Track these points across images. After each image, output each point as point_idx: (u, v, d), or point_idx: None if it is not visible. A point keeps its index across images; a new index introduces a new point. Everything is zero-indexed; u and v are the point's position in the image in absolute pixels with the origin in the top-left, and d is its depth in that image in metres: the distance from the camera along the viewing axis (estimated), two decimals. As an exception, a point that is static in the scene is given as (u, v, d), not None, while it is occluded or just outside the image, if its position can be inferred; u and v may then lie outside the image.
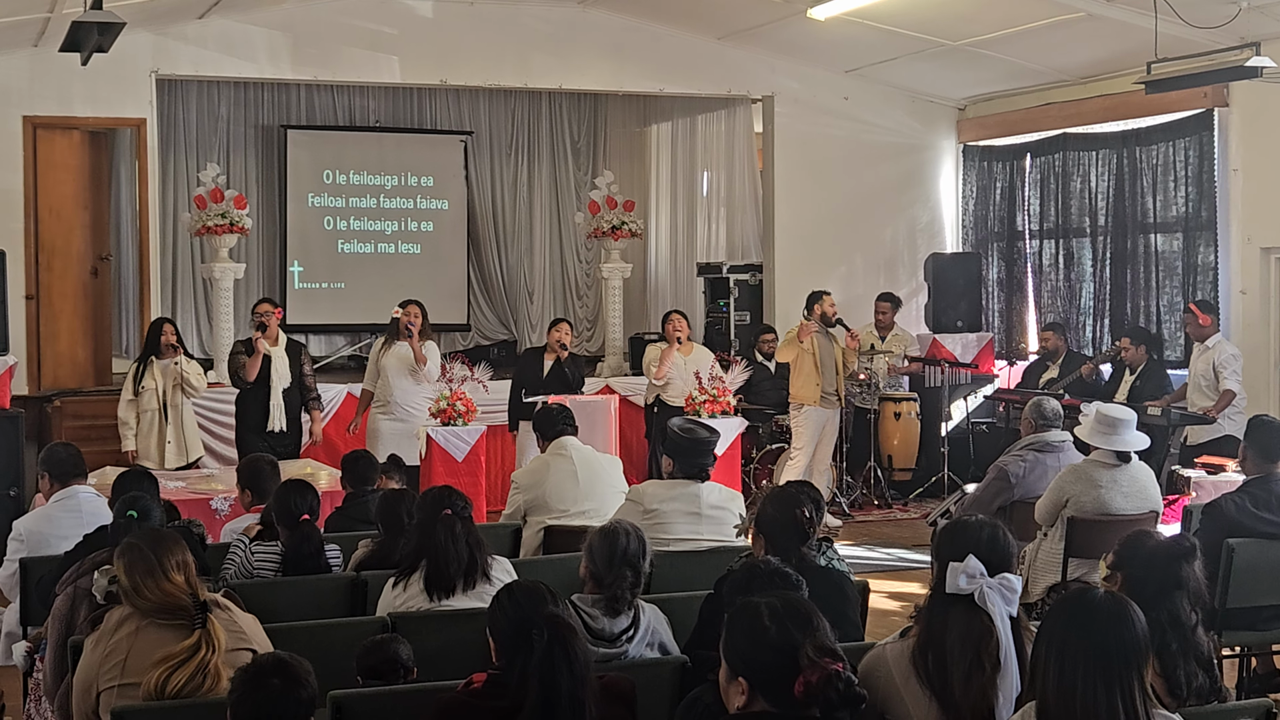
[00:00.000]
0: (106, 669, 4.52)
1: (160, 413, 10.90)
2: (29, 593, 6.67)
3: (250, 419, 11.01)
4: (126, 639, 4.53)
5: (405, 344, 11.28)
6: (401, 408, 11.23)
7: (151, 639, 4.48)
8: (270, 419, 10.95)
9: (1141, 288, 13.04)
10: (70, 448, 7.58)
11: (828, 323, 12.32)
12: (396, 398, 11.25)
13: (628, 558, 5.00)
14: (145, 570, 4.53)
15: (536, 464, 8.03)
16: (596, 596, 4.97)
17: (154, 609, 4.52)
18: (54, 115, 12.78)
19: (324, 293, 16.36)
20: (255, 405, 10.99)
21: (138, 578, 4.54)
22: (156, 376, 10.91)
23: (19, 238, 12.53)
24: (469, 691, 4.12)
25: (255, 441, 10.71)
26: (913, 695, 4.01)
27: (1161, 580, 4.51)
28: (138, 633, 4.52)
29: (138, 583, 4.53)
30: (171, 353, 10.91)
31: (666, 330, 12.36)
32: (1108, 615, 3.39)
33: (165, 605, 4.50)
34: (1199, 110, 12.28)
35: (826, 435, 12.38)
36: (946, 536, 4.21)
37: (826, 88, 14.84)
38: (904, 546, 11.61)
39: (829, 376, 12.29)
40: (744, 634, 3.52)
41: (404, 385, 11.27)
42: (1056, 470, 7.79)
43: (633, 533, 5.10)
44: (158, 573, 4.52)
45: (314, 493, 6.45)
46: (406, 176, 16.87)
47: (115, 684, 4.48)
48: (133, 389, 10.91)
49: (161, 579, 4.51)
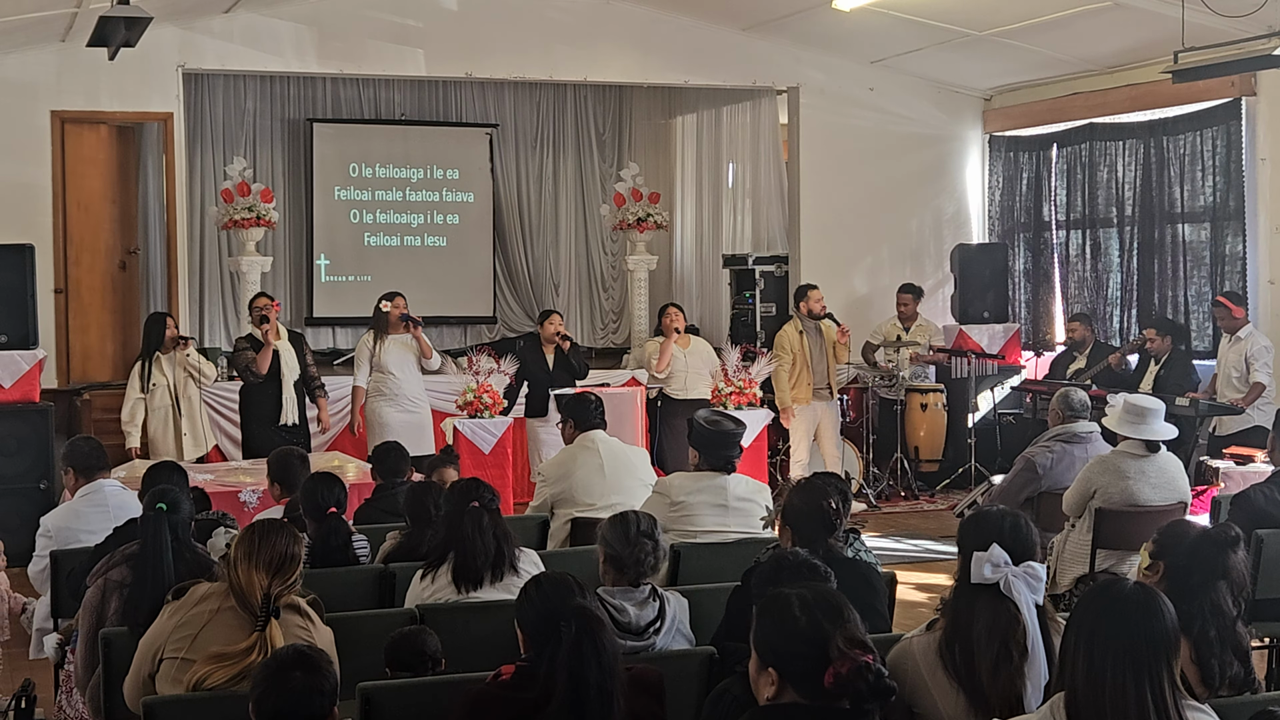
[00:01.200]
0: (177, 637, 4.57)
1: (173, 406, 10.95)
2: (60, 585, 6.70)
3: (261, 413, 10.99)
4: (204, 614, 4.59)
5: (404, 335, 11.29)
6: (409, 399, 11.25)
7: (227, 622, 4.54)
8: (283, 412, 10.97)
9: (1169, 278, 12.99)
10: (92, 441, 7.62)
11: (815, 317, 12.28)
12: (405, 390, 11.25)
13: (643, 530, 5.06)
14: (245, 552, 4.59)
15: (563, 456, 8.01)
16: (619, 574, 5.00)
17: (234, 591, 4.57)
18: (82, 110, 12.84)
19: (350, 285, 16.39)
20: (265, 399, 10.98)
21: (239, 554, 4.60)
22: (165, 371, 10.96)
23: (47, 232, 12.59)
24: (498, 683, 4.13)
25: (266, 435, 10.72)
26: (940, 687, 4.01)
27: (1206, 569, 4.49)
28: (217, 613, 4.57)
29: (236, 558, 4.60)
30: (180, 344, 10.96)
31: (664, 323, 12.34)
32: (1138, 606, 3.37)
33: (240, 593, 4.55)
34: (1226, 99, 12.22)
35: (825, 427, 12.36)
36: (969, 527, 4.22)
37: (851, 79, 14.81)
38: (931, 538, 11.60)
39: (819, 372, 12.27)
40: (774, 625, 3.52)
41: (409, 377, 11.29)
42: (1084, 461, 7.76)
43: (641, 514, 5.19)
44: (251, 558, 4.56)
45: (341, 485, 6.46)
46: (432, 169, 16.90)
47: (180, 655, 4.53)
48: (141, 387, 10.95)
49: (251, 568, 4.55)
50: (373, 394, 11.29)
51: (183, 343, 10.99)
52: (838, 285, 12.80)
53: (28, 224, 12.24)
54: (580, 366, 11.78)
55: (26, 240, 11.44)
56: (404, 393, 11.24)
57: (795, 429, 12.31)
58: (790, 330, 12.31)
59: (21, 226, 12.02)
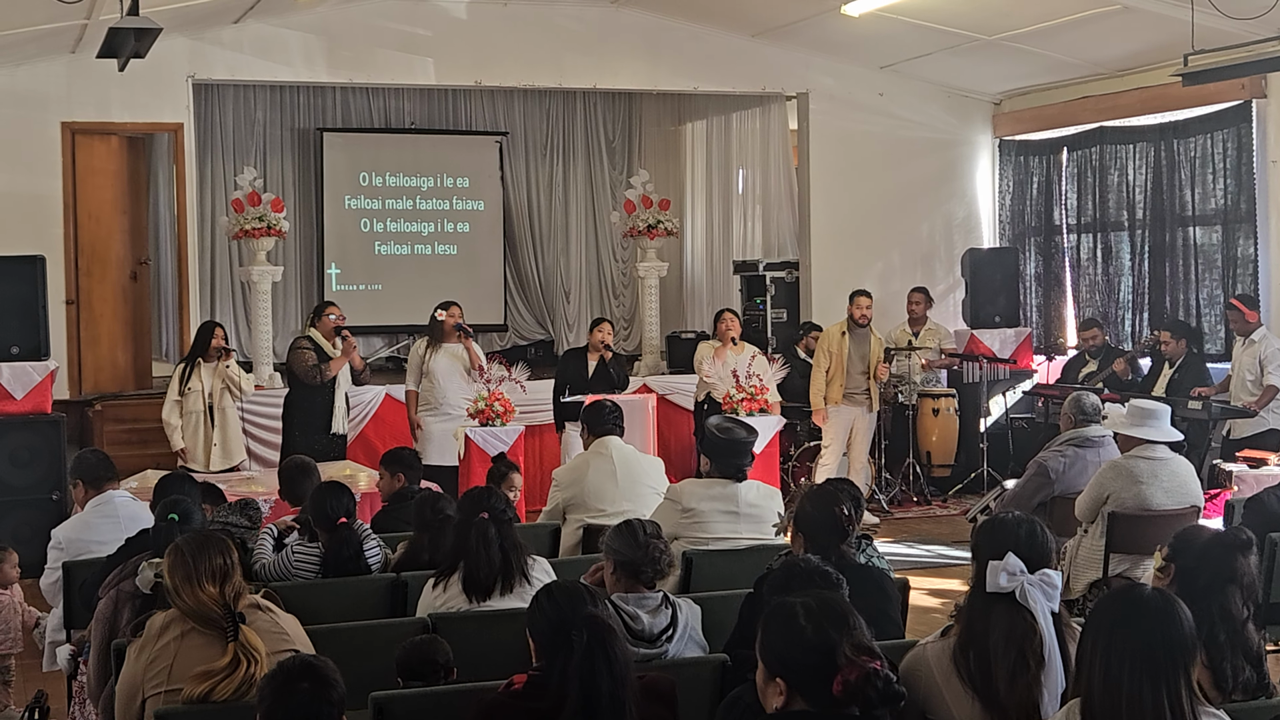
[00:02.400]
0: (152, 675, 4.50)
1: (206, 415, 10.96)
2: (72, 596, 6.71)
3: (309, 419, 11.10)
4: (172, 644, 4.51)
5: (456, 345, 11.34)
6: (454, 408, 11.27)
7: (196, 645, 4.48)
8: (334, 420, 11.09)
9: (1180, 281, 12.96)
10: (99, 453, 7.67)
11: (856, 324, 12.28)
12: (450, 399, 11.30)
13: (649, 532, 5.07)
14: (183, 576, 4.52)
15: (577, 462, 8.06)
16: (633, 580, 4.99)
17: (191, 614, 4.51)
18: (92, 121, 12.87)
19: (361, 294, 16.40)
20: (317, 406, 11.10)
21: (177, 580, 4.53)
22: (204, 378, 10.98)
23: (59, 243, 12.61)
24: (510, 692, 4.12)
25: (308, 442, 10.78)
26: (954, 694, 4.00)
27: (1215, 572, 4.47)
28: (182, 638, 4.51)
29: (177, 585, 4.53)
30: (225, 356, 10.99)
31: (719, 329, 12.32)
32: (1155, 612, 3.36)
33: (198, 613, 4.49)
34: (1237, 102, 12.20)
35: (858, 433, 12.36)
36: (984, 534, 4.20)
37: (861, 84, 14.80)
38: (944, 543, 11.58)
39: (855, 377, 12.27)
40: (780, 635, 3.52)
41: (457, 386, 11.34)
42: (1096, 465, 7.75)
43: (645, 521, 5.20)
44: (193, 580, 4.50)
45: (349, 495, 6.46)
46: (442, 178, 16.91)
47: (161, 690, 4.47)
48: (178, 389, 10.98)
49: (195, 588, 4.49)
50: (418, 402, 11.40)
51: (225, 354, 11.02)
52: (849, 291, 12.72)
53: (39, 235, 12.26)
54: (620, 377, 11.81)
55: (38, 251, 11.46)
56: (448, 401, 11.29)
57: (829, 431, 12.30)
58: (834, 330, 12.34)
59: (33, 238, 12.05)
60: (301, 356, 11.11)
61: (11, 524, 10.89)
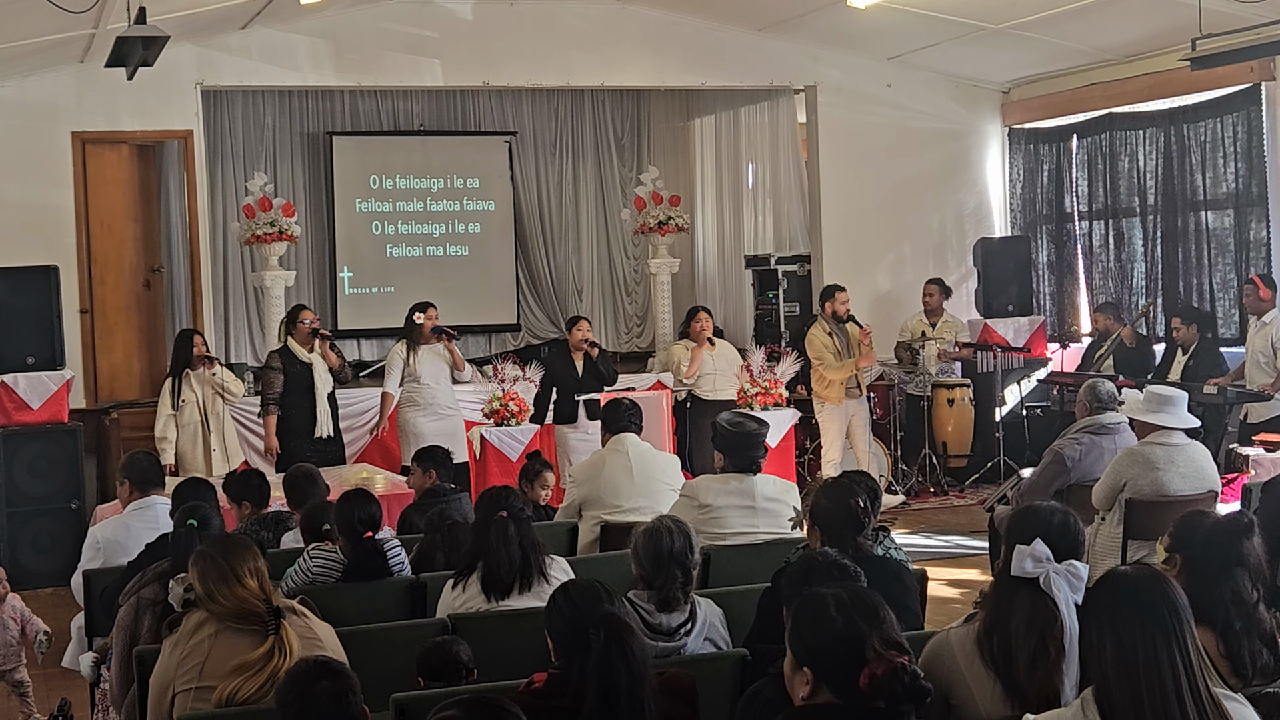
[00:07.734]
0: (184, 671, 4.54)
1: (202, 423, 10.99)
2: (93, 604, 6.72)
3: (295, 426, 11.06)
4: (206, 641, 4.54)
5: (436, 345, 11.33)
6: (444, 407, 11.28)
7: (229, 642, 4.50)
8: (318, 425, 11.03)
9: (1193, 266, 12.94)
10: (151, 456, 7.66)
11: (839, 320, 12.28)
12: (441, 399, 11.29)
13: (674, 556, 5.00)
14: (219, 577, 4.54)
15: (594, 458, 8.11)
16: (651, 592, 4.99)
17: (229, 614, 4.52)
18: (102, 130, 12.89)
19: (374, 297, 16.41)
20: (300, 413, 11.06)
21: (211, 585, 4.55)
22: (194, 388, 11.00)
23: (71, 252, 12.63)
24: (530, 691, 4.13)
25: (302, 449, 10.76)
26: (977, 679, 4.00)
27: (1223, 558, 4.46)
28: (216, 636, 4.53)
29: (212, 590, 4.55)
30: (206, 364, 10.98)
31: (693, 329, 12.34)
32: (1147, 578, 3.40)
33: (240, 611, 4.51)
34: (1246, 85, 12.17)
35: (856, 424, 12.37)
36: (1017, 520, 4.20)
37: (869, 76, 14.79)
38: (961, 533, 11.57)
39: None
40: (810, 625, 3.53)
41: (444, 386, 11.33)
42: (1113, 453, 7.74)
43: (676, 529, 5.08)
44: (231, 579, 4.53)
45: (376, 504, 6.33)
46: (452, 179, 16.91)
47: (192, 686, 4.50)
48: (171, 404, 10.99)
49: (235, 585, 4.52)
50: (405, 404, 11.32)
51: (208, 363, 11.01)
52: (861, 283, 12.76)
53: (51, 245, 12.29)
54: (609, 373, 11.77)
55: (51, 261, 11.50)
56: (438, 401, 11.28)
57: (828, 428, 12.32)
58: (819, 332, 12.31)
59: (45, 248, 12.09)
60: (269, 381, 11.11)
61: (30, 533, 10.95)
